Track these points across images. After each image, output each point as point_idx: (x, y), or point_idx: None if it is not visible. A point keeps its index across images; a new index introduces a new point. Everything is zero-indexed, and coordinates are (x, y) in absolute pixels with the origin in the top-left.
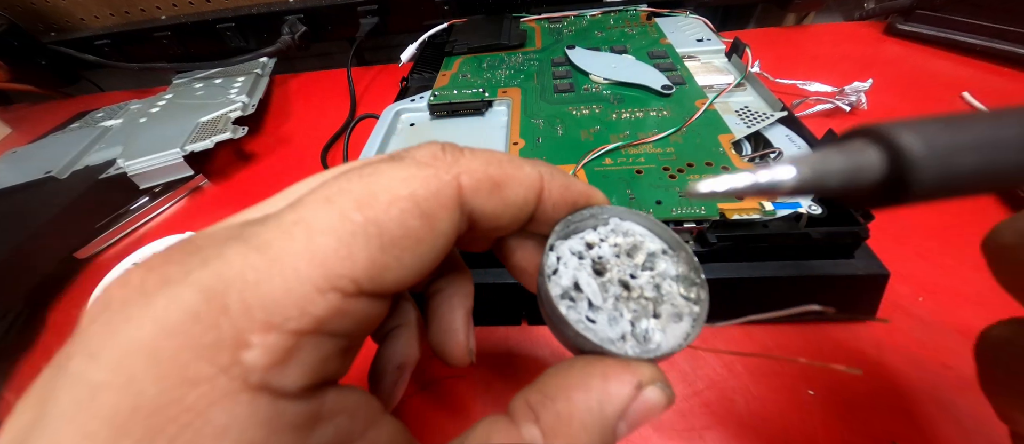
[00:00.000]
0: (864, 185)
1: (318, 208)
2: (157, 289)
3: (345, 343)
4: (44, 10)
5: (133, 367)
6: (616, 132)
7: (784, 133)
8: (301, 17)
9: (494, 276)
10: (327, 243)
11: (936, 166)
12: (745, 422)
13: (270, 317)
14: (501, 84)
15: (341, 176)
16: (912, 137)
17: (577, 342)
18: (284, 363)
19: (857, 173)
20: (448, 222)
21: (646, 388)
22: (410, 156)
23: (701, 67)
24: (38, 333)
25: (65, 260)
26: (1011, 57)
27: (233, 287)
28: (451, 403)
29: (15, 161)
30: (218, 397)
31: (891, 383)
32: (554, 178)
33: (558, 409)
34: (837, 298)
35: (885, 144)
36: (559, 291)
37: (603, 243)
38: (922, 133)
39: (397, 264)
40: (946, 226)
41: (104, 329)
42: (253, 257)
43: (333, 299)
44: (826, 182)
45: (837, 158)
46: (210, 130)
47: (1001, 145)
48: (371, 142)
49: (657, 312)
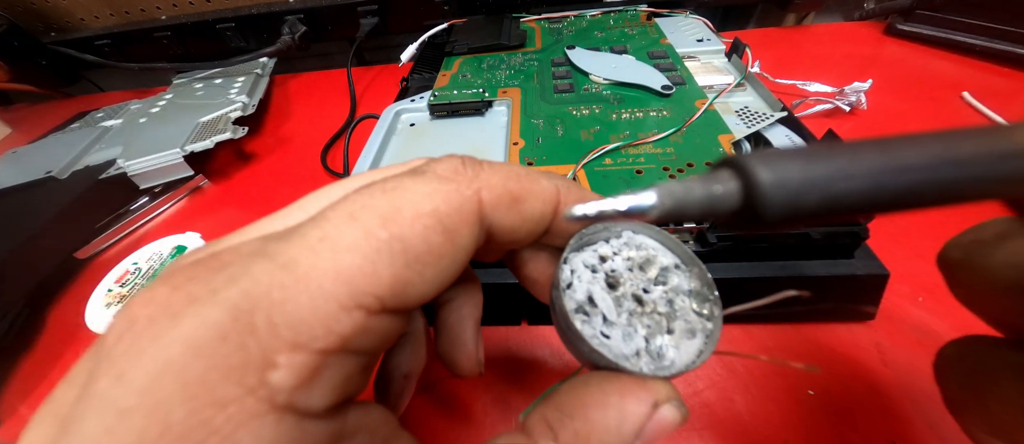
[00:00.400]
0: (722, 212)
1: (343, 224)
2: (184, 307)
3: (367, 360)
4: (44, 10)
5: (162, 389)
6: (616, 132)
7: (784, 133)
8: (301, 17)
9: (494, 276)
10: (353, 260)
11: (782, 198)
12: (745, 422)
13: (297, 336)
14: (501, 84)
15: (363, 191)
16: (764, 170)
17: (592, 358)
18: (310, 383)
19: (716, 201)
20: (469, 237)
21: (662, 406)
22: (431, 170)
23: (701, 67)
24: (38, 333)
25: (65, 260)
26: (1011, 57)
27: (260, 306)
28: (451, 404)
29: (15, 161)
30: (246, 419)
31: (891, 383)
32: (571, 192)
33: (576, 427)
34: (837, 298)
35: (742, 175)
36: (574, 305)
37: (616, 256)
38: (773, 167)
39: (420, 280)
40: (946, 226)
41: (131, 348)
42: (280, 275)
43: (358, 317)
44: (686, 209)
45: (698, 187)
46: (210, 130)
47: (846, 180)
48: (371, 142)
49: (671, 328)
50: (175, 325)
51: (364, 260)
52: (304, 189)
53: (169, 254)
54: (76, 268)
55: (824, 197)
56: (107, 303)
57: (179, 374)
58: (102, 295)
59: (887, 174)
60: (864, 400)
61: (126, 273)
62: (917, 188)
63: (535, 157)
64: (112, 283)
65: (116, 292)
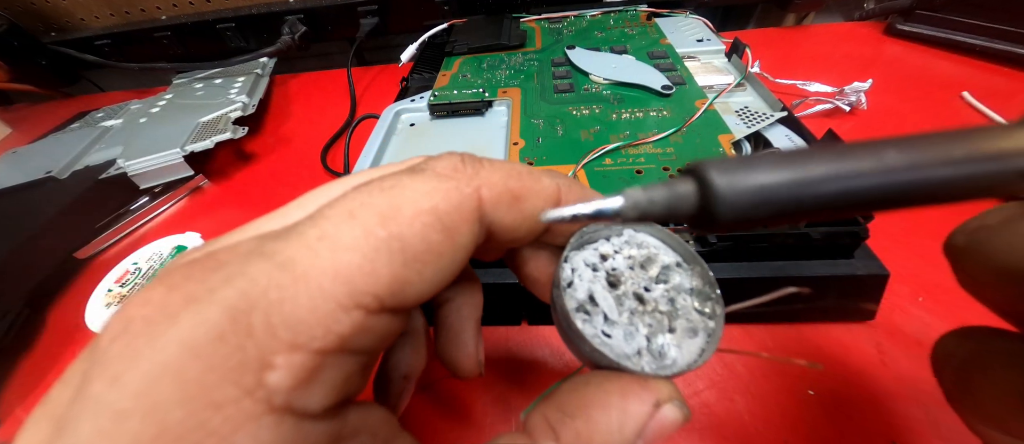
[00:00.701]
0: (682, 213)
1: (341, 223)
2: (181, 308)
3: (366, 360)
4: (44, 10)
5: (158, 391)
6: (616, 132)
7: (784, 133)
8: (301, 17)
9: (494, 276)
10: (352, 259)
11: (734, 202)
12: (745, 422)
13: (295, 337)
14: (501, 84)
15: (362, 188)
16: (718, 175)
17: (593, 357)
18: (308, 384)
19: (677, 203)
20: (469, 235)
21: (664, 406)
22: (430, 167)
23: (701, 67)
24: (38, 333)
25: (65, 260)
26: (1011, 57)
27: (258, 306)
28: (451, 404)
29: (15, 161)
30: (243, 421)
31: (891, 383)
32: (572, 190)
33: (578, 427)
34: (837, 298)
35: (698, 180)
36: (575, 305)
37: (617, 255)
38: (727, 172)
39: (419, 278)
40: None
41: (127, 350)
42: (277, 275)
43: (357, 316)
44: (651, 211)
45: (661, 191)
46: (210, 130)
47: (797, 186)
48: (371, 142)
49: (672, 327)
50: (172, 326)
51: (363, 259)
52: (304, 189)
53: (169, 254)
54: (76, 268)
55: (773, 201)
56: (107, 303)
57: (176, 376)
58: (102, 295)
59: (833, 181)
60: (864, 400)
61: (126, 273)
62: (864, 194)
63: (535, 157)
64: (112, 283)
65: (116, 292)
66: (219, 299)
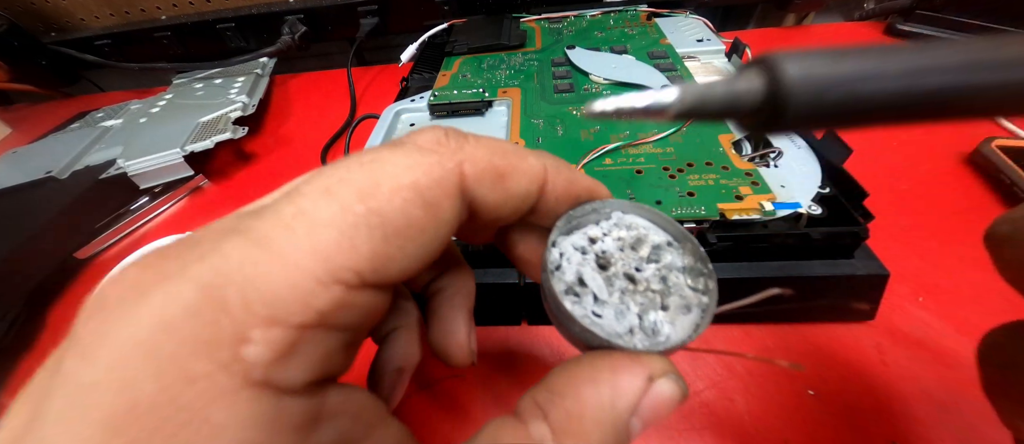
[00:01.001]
0: (744, 109)
1: (318, 199)
2: (153, 285)
3: (348, 337)
4: (44, 10)
5: (129, 366)
6: (616, 132)
7: (784, 133)
8: (301, 17)
9: (494, 276)
10: (329, 236)
11: (807, 93)
12: (745, 422)
13: (272, 312)
14: (501, 84)
15: (340, 164)
16: (791, 64)
17: (583, 337)
18: (287, 358)
19: (739, 97)
20: (451, 211)
21: (658, 381)
22: (412, 141)
23: (701, 67)
24: (38, 333)
25: (65, 260)
26: None
27: (232, 282)
28: (451, 404)
29: (15, 161)
30: (217, 395)
31: (891, 383)
32: (560, 172)
33: (567, 406)
34: (837, 298)
35: (768, 71)
36: (563, 287)
37: (607, 237)
38: (802, 63)
39: (400, 254)
40: (946, 226)
41: (99, 327)
42: (252, 251)
43: (336, 292)
44: (707, 106)
45: (721, 85)
46: (210, 130)
47: (875, 80)
48: (371, 142)
49: (665, 304)
50: (144, 303)
51: (341, 235)
52: None
53: None
54: (76, 268)
55: (849, 95)
56: None
57: (148, 351)
58: None
59: (918, 75)
60: (864, 400)
61: None
62: (948, 91)
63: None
64: None
65: None
66: (192, 275)
